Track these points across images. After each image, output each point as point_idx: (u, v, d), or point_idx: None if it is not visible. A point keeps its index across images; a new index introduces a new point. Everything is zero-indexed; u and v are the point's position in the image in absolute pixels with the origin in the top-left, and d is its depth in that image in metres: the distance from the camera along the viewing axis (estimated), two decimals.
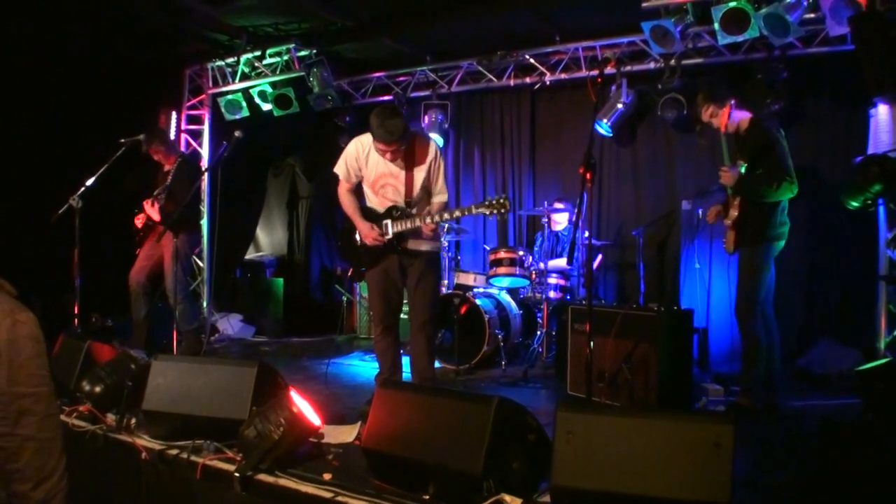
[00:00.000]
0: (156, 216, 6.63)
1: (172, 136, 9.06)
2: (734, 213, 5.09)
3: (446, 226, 7.49)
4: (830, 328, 6.90)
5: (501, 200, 4.76)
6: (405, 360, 5.45)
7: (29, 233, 6.68)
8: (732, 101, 5.19)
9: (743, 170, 5.00)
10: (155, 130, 7.23)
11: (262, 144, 9.91)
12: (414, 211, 4.98)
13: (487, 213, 4.81)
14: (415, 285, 5.06)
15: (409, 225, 4.90)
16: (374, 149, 4.93)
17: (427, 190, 5.03)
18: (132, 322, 6.92)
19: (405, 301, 5.37)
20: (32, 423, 1.90)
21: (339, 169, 5.14)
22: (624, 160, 8.48)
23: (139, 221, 6.80)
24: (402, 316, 5.32)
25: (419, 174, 4.95)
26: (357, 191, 5.21)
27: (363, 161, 5.02)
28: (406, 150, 4.88)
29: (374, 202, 5.10)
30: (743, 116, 5.20)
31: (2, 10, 6.83)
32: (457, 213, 4.97)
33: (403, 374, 5.39)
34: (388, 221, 4.97)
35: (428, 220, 4.86)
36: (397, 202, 4.99)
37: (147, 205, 6.70)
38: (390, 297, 5.12)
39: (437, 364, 5.43)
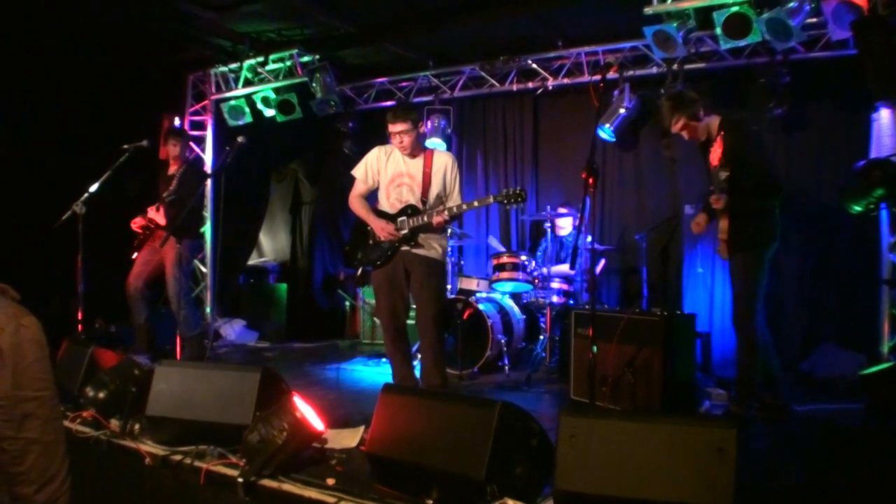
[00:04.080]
0: (161, 221, 6.65)
1: None
2: (724, 224, 5.04)
3: (449, 230, 7.50)
4: (833, 332, 6.88)
5: (518, 191, 4.99)
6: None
7: (32, 239, 6.69)
8: (700, 112, 5.09)
9: (723, 175, 4.95)
10: (179, 129, 7.28)
11: (266, 150, 9.94)
12: (428, 209, 5.16)
13: (505, 203, 5.04)
14: (418, 291, 5.20)
15: (424, 220, 5.09)
16: (394, 154, 5.24)
17: (441, 199, 5.20)
18: (134, 327, 6.94)
19: (412, 306, 5.48)
20: (36, 426, 1.91)
21: (358, 171, 5.37)
22: (627, 165, 8.48)
23: (136, 226, 6.80)
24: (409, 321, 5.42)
25: (435, 179, 5.16)
26: (368, 199, 5.40)
27: (383, 163, 5.26)
28: (425, 157, 5.18)
29: (387, 206, 5.29)
30: (712, 120, 5.13)
31: (6, 17, 6.86)
32: (475, 203, 5.24)
33: (415, 377, 5.47)
34: (404, 218, 5.17)
35: (446, 212, 5.03)
36: (411, 202, 5.18)
37: (152, 210, 6.73)
38: (395, 303, 5.26)
39: None
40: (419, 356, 5.42)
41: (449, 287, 7.68)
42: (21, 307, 1.94)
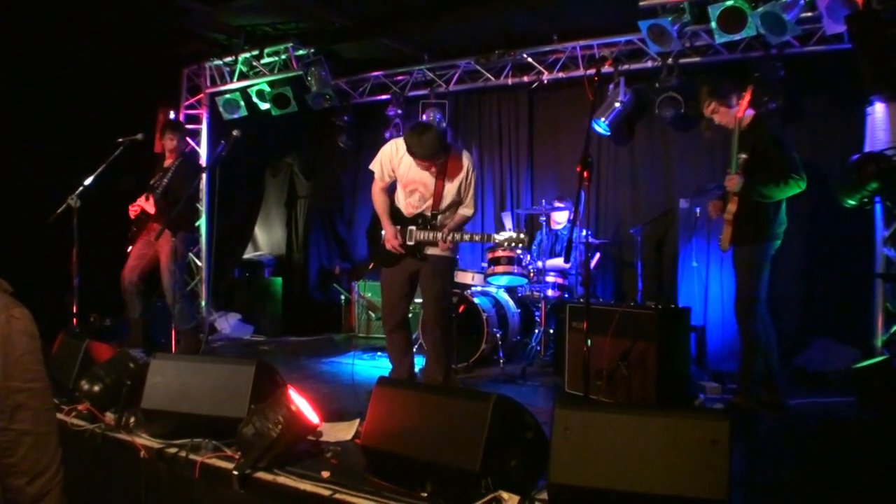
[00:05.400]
0: (150, 209, 6.63)
1: None
2: (732, 207, 5.00)
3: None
4: (827, 326, 6.90)
5: (521, 236, 4.99)
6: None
7: (27, 232, 6.68)
8: (734, 100, 5.08)
9: (741, 157, 4.94)
10: (176, 122, 7.25)
11: (261, 144, 9.91)
12: (438, 220, 5.13)
13: (505, 244, 5.06)
14: (425, 289, 5.25)
15: (430, 236, 5.07)
16: (407, 155, 5.08)
17: (456, 203, 5.18)
18: (129, 321, 6.93)
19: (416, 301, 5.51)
20: (28, 417, 1.91)
21: (375, 167, 5.28)
22: (622, 159, 8.49)
23: (133, 212, 6.79)
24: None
25: (449, 188, 5.09)
26: (390, 189, 5.35)
27: (396, 163, 5.15)
28: (440, 165, 5.04)
29: (402, 204, 5.25)
30: (746, 113, 5.12)
31: (0, 12, 6.84)
32: (476, 238, 5.21)
33: (412, 370, 5.49)
34: (413, 228, 5.15)
35: (449, 237, 5.02)
36: (423, 210, 5.15)
37: (142, 199, 6.72)
38: (397, 300, 5.29)
39: None
40: (421, 350, 5.43)
41: None
42: (12, 299, 1.95)
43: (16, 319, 1.91)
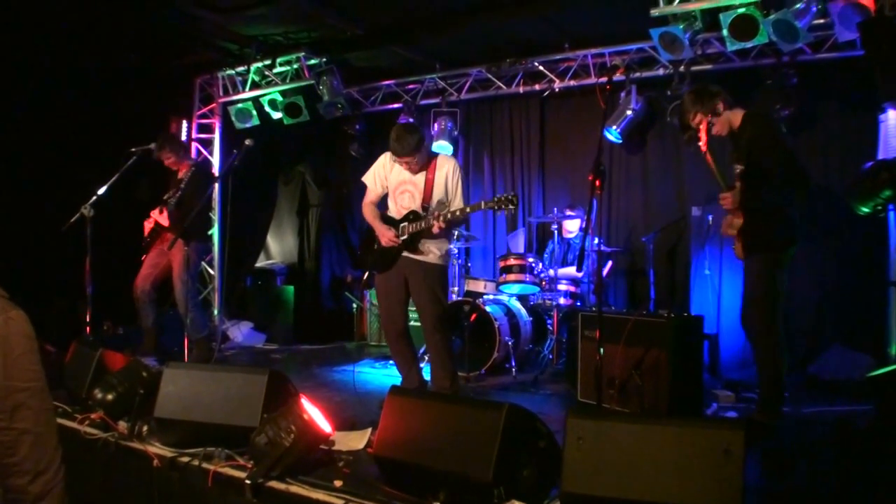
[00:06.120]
0: (165, 222, 6.68)
1: None
2: (738, 221, 4.77)
3: (456, 233, 7.53)
4: (841, 334, 6.85)
5: (510, 197, 5.03)
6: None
7: (42, 241, 6.72)
8: (720, 106, 4.81)
9: (738, 169, 4.70)
10: (165, 136, 7.26)
11: (273, 153, 9.95)
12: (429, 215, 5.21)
13: (496, 209, 5.12)
14: (416, 297, 5.30)
15: (421, 225, 5.15)
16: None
17: (443, 204, 5.24)
18: (142, 330, 6.96)
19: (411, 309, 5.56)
20: (28, 416, 1.95)
21: (368, 178, 5.48)
22: (633, 167, 8.48)
23: (148, 227, 6.84)
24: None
25: (438, 184, 5.22)
26: (380, 205, 5.50)
27: (388, 170, 5.36)
28: (426, 165, 5.22)
29: (394, 212, 5.38)
30: (735, 114, 4.86)
31: (14, 22, 6.89)
32: (467, 210, 5.20)
33: (421, 377, 5.50)
34: (405, 224, 5.25)
35: (441, 217, 5.07)
36: (413, 208, 5.25)
37: (156, 212, 6.76)
38: (392, 307, 5.38)
39: None
40: (426, 358, 5.45)
41: (455, 289, 7.69)
42: (8, 301, 1.99)
43: (13, 321, 1.95)
